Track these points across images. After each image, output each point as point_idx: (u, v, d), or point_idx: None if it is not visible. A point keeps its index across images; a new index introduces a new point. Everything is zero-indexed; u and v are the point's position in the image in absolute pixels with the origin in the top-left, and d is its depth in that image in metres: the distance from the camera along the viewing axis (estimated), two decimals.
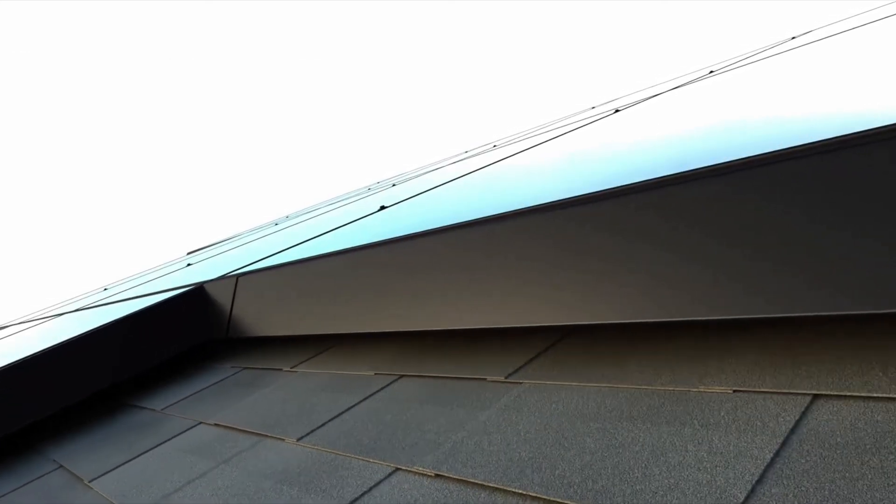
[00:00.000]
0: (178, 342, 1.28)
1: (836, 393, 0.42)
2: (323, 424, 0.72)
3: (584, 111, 3.68)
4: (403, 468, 0.55)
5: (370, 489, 0.53)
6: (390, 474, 0.54)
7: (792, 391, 0.44)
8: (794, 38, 3.57)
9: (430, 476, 0.51)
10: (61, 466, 0.94)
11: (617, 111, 2.44)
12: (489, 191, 1.03)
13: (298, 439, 0.70)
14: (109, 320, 1.28)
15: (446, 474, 0.50)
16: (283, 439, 0.72)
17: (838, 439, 0.38)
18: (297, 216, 4.49)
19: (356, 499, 0.52)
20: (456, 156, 4.88)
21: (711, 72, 2.89)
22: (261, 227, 5.09)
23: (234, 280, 1.19)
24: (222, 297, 1.24)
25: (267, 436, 0.75)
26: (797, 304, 0.46)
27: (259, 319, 1.12)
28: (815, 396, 0.43)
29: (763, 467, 0.38)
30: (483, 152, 3.34)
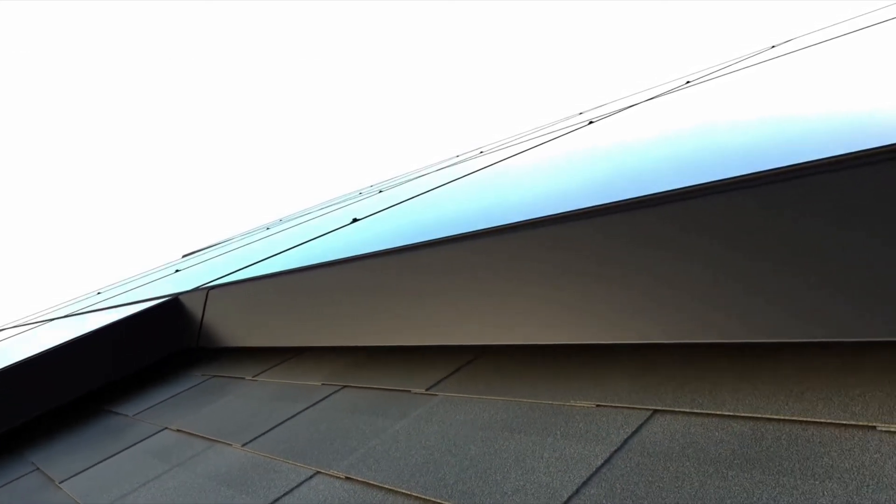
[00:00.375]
0: (153, 351, 1.35)
1: (670, 409, 0.50)
2: (268, 431, 0.79)
3: (567, 118, 3.76)
4: (323, 471, 0.62)
5: (291, 490, 0.61)
6: (311, 477, 0.62)
7: (637, 406, 0.52)
8: (773, 46, 3.64)
9: (342, 479, 0.59)
10: (38, 469, 1.02)
11: (591, 122, 2.51)
12: (448, 208, 1.10)
13: (243, 444, 0.77)
14: (90, 330, 1.36)
15: (354, 477, 0.58)
16: (231, 444, 0.79)
17: (656, 448, 0.46)
18: (290, 220, 4.58)
19: (277, 499, 0.60)
20: (446, 160, 4.98)
21: (688, 82, 2.96)
22: (254, 231, 5.18)
23: (205, 293, 1.27)
24: (195, 308, 1.31)
25: (219, 441, 0.83)
26: (676, 333, 0.54)
27: (225, 331, 1.20)
28: (655, 412, 0.51)
29: (592, 471, 0.45)
30: (469, 158, 3.42)
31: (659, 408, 0.51)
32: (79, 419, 1.27)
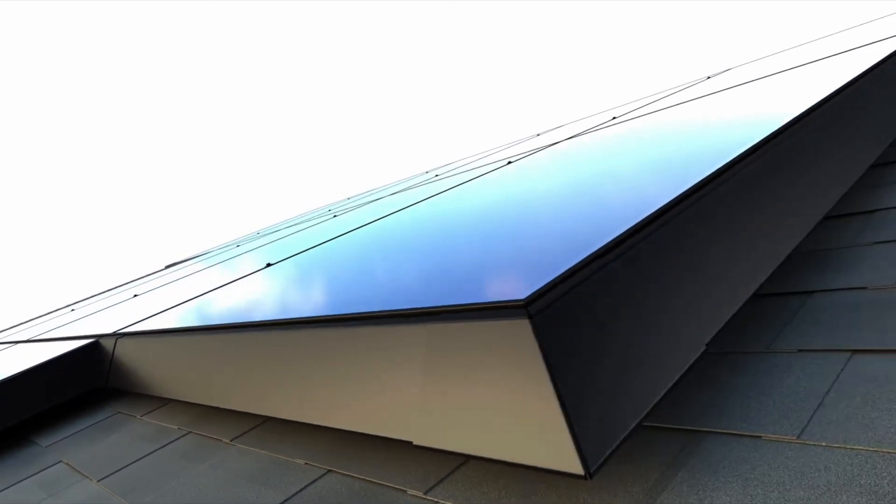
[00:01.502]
0: (75, 387, 1.59)
1: (338, 470, 0.73)
2: (120, 469, 1.03)
3: (501, 149, 3.98)
4: None
5: None
6: None
7: (323, 466, 0.75)
8: (709, 77, 3.87)
9: None
10: None
11: (510, 162, 2.73)
12: (341, 263, 1.33)
13: (98, 480, 1.01)
14: (20, 370, 1.59)
15: None
16: (91, 479, 1.03)
17: (307, 499, 0.69)
18: (266, 233, 4.83)
19: None
20: (406, 180, 5.22)
21: (614, 118, 3.18)
22: (226, 246, 5.42)
23: (115, 340, 1.50)
24: (108, 351, 1.55)
25: (86, 476, 1.06)
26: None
27: (124, 376, 1.43)
28: (329, 471, 0.74)
29: None
30: (425, 182, 3.65)
31: (332, 468, 0.74)
32: (5, 447, 1.51)
